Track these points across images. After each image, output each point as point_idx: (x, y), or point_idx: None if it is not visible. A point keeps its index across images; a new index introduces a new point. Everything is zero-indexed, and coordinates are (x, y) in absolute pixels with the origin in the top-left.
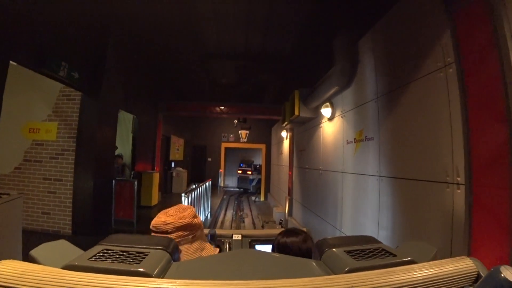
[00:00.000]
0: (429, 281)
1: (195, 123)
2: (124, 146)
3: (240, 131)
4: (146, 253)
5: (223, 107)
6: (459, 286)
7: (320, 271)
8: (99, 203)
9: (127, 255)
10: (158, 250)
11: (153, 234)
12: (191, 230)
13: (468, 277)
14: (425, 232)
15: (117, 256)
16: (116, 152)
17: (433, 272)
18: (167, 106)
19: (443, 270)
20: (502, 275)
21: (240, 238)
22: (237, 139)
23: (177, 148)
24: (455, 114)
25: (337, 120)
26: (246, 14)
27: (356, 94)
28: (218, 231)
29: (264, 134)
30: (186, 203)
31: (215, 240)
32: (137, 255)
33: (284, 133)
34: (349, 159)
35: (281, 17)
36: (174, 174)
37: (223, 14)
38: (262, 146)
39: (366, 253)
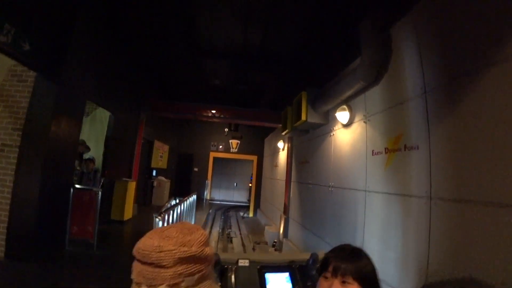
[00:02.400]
0: None
1: (183, 129)
2: (99, 148)
3: (230, 141)
4: None
5: (214, 111)
6: None
7: None
8: (48, 218)
9: None
10: None
11: (137, 264)
12: (198, 264)
13: None
14: None
15: None
16: (87, 155)
17: None
18: (151, 105)
19: None
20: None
21: (247, 265)
22: (227, 149)
23: (161, 155)
24: None
25: (357, 126)
26: (246, 4)
27: (388, 91)
28: (222, 255)
29: (256, 145)
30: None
31: (217, 266)
32: None
33: (280, 144)
34: (377, 175)
35: (286, 7)
36: (155, 183)
37: (219, 4)
38: (254, 158)
39: None
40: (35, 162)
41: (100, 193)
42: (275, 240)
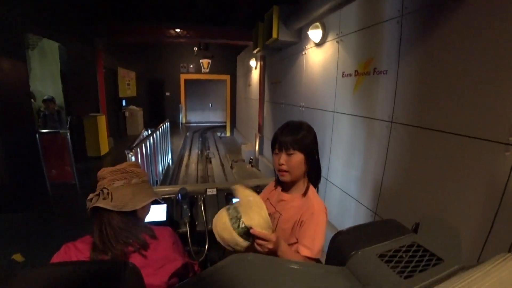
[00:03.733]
0: None
1: (148, 53)
2: (56, 86)
3: (201, 60)
4: None
5: (180, 30)
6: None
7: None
8: (20, 167)
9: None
10: None
11: (111, 178)
12: (126, 174)
13: None
14: (452, 206)
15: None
16: (46, 96)
17: (488, 281)
18: (108, 30)
19: (494, 276)
20: None
21: (215, 193)
22: (198, 70)
23: (128, 83)
24: None
25: (330, 45)
26: None
27: (365, 10)
28: (189, 187)
29: (229, 64)
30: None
31: (186, 198)
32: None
33: (253, 62)
34: (346, 97)
35: None
36: (127, 114)
37: None
38: (227, 77)
39: (401, 256)
40: None
41: (68, 134)
42: (251, 158)
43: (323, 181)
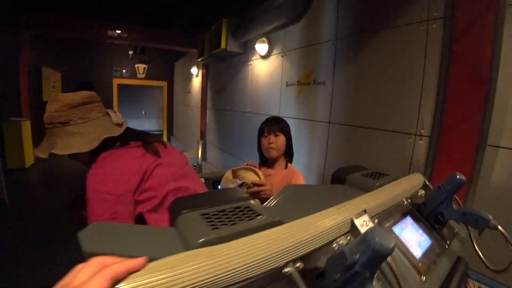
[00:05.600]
0: (409, 190)
1: (77, 52)
2: None
3: (137, 65)
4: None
5: (120, 31)
6: (416, 190)
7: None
8: None
9: (237, 213)
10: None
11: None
12: (95, 102)
13: (420, 184)
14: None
15: (229, 217)
16: None
17: (408, 185)
18: (38, 21)
19: (412, 183)
20: (458, 177)
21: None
22: (133, 75)
23: (53, 85)
24: (431, 72)
25: (275, 59)
26: None
27: (307, 31)
28: None
29: (166, 70)
30: None
31: None
32: (245, 211)
33: (194, 70)
34: (289, 103)
35: None
36: None
37: None
38: (163, 84)
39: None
40: None
41: None
42: (195, 164)
43: None
